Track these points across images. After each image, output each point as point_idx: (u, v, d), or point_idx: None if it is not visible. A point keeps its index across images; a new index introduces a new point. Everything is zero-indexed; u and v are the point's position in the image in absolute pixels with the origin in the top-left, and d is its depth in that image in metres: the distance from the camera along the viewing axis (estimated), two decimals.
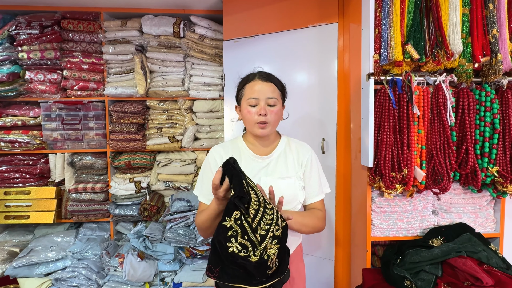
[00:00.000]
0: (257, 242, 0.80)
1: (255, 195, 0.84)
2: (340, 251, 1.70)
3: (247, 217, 0.82)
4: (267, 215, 0.83)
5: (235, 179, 0.84)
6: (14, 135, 2.04)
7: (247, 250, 0.79)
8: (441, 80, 1.24)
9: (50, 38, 2.01)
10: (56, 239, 2.07)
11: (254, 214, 0.82)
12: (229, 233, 0.81)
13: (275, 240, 0.82)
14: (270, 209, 0.85)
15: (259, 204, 0.83)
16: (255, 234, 0.81)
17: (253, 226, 0.81)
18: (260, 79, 1.03)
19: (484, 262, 1.16)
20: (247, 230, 0.81)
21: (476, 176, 1.27)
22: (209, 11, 2.13)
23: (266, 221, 0.83)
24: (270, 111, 1.01)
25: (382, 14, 1.25)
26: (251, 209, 0.82)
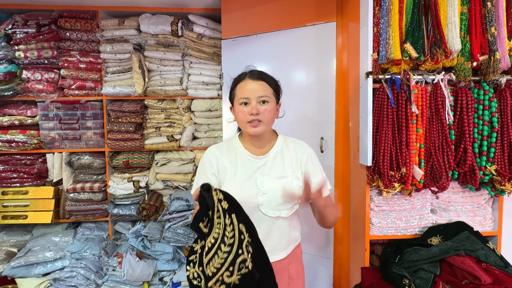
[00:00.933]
0: (208, 278, 0.77)
1: (217, 230, 0.79)
2: (338, 250, 1.70)
3: (204, 250, 0.79)
4: (217, 257, 0.78)
5: (200, 209, 0.82)
6: (11, 135, 2.03)
7: (200, 280, 0.78)
8: (440, 78, 1.24)
9: (47, 37, 2.00)
10: (54, 239, 2.06)
11: (207, 251, 0.79)
12: (191, 257, 0.80)
13: (223, 285, 0.76)
14: (224, 252, 0.78)
15: (215, 242, 0.79)
16: (207, 270, 0.78)
17: (205, 261, 0.78)
18: (250, 78, 1.02)
19: (482, 261, 1.16)
20: (203, 262, 0.78)
21: (474, 174, 1.27)
22: (207, 9, 2.12)
23: (215, 263, 0.77)
24: (262, 110, 0.99)
25: (381, 12, 1.24)
26: (207, 244, 0.79)
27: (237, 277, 0.77)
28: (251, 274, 0.78)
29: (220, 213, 0.81)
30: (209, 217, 0.80)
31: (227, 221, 0.80)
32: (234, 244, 0.79)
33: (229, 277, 0.77)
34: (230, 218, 0.81)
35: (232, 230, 0.80)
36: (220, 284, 0.76)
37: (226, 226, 0.80)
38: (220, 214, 0.81)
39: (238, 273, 0.77)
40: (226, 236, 0.79)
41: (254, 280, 0.79)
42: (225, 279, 0.76)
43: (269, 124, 1.04)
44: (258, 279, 0.80)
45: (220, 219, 0.80)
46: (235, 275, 0.77)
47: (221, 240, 0.79)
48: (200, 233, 0.80)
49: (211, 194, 0.81)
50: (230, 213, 0.81)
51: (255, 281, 0.80)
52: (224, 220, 0.80)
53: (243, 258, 0.79)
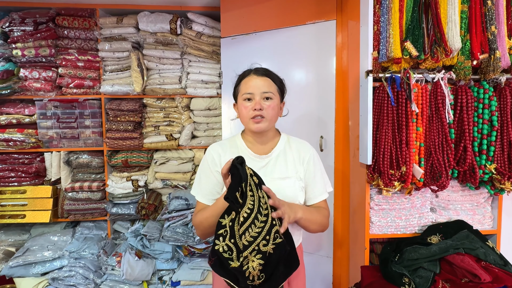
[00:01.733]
0: (242, 249, 0.79)
1: (252, 202, 0.82)
2: (338, 249, 1.70)
3: (238, 222, 0.81)
4: (254, 227, 0.80)
5: (233, 180, 0.83)
6: (9, 134, 2.02)
7: (231, 252, 0.79)
8: (440, 77, 1.24)
9: (44, 35, 1.98)
10: (53, 238, 2.05)
11: (242, 222, 0.80)
12: (220, 231, 0.82)
13: (259, 254, 0.79)
14: (261, 221, 0.81)
15: (250, 213, 0.81)
16: (241, 240, 0.80)
17: (239, 232, 0.80)
18: (255, 74, 1.02)
19: (482, 259, 1.16)
20: (235, 234, 0.80)
21: (474, 173, 1.27)
22: (206, 8, 2.11)
23: (251, 232, 0.80)
24: (266, 106, 0.99)
25: (381, 11, 1.24)
26: (241, 215, 0.81)
27: (272, 246, 0.80)
28: (283, 244, 0.82)
29: (252, 186, 0.83)
30: (242, 189, 0.82)
31: (260, 194, 0.84)
32: (269, 215, 0.83)
33: (265, 246, 0.79)
34: (262, 192, 0.85)
35: (265, 203, 0.84)
36: (256, 253, 0.78)
37: (260, 198, 0.83)
38: (252, 188, 0.83)
39: (273, 242, 0.80)
40: (261, 207, 0.83)
41: (286, 250, 0.83)
42: (261, 247, 0.79)
43: (272, 121, 1.03)
44: (288, 250, 0.84)
45: (253, 192, 0.83)
46: (270, 243, 0.80)
47: (257, 211, 0.82)
48: (235, 203, 0.82)
49: (244, 167, 0.84)
50: (261, 188, 0.85)
51: (286, 251, 0.83)
52: (257, 193, 0.83)
53: (277, 229, 0.82)
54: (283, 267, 0.85)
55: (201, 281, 1.94)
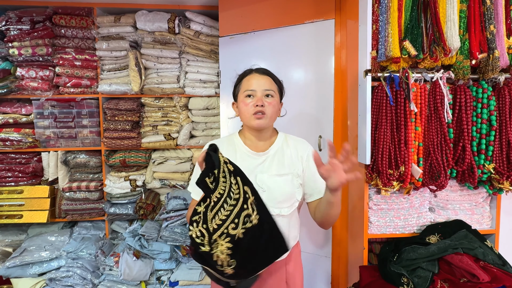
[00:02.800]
0: (211, 232, 0.79)
1: (223, 187, 0.83)
2: (337, 249, 1.70)
3: (209, 207, 0.82)
4: (224, 210, 0.81)
5: (206, 165, 0.84)
6: (5, 133, 2.00)
7: (203, 238, 0.80)
8: (439, 76, 1.24)
9: (41, 34, 1.97)
10: (50, 238, 2.04)
11: (213, 206, 0.81)
12: (194, 217, 0.82)
13: (227, 237, 0.79)
14: (230, 205, 0.81)
15: (220, 197, 0.82)
16: (212, 224, 0.80)
17: (210, 216, 0.81)
18: (257, 73, 1.04)
19: (480, 259, 1.16)
20: (207, 219, 0.81)
21: (472, 173, 1.27)
22: (204, 7, 2.10)
23: (221, 215, 0.80)
24: (267, 102, 1.01)
25: (380, 10, 1.23)
26: (212, 199, 0.82)
27: (241, 230, 0.80)
28: (254, 229, 0.81)
29: (226, 173, 0.84)
30: (215, 175, 0.83)
31: (233, 180, 0.84)
32: (239, 199, 0.83)
33: (234, 229, 0.79)
34: (235, 179, 0.85)
35: (238, 189, 0.84)
36: (225, 237, 0.78)
37: (232, 184, 0.84)
38: (226, 174, 0.84)
39: (242, 226, 0.80)
40: (232, 192, 0.83)
41: (257, 235, 0.81)
42: (230, 231, 0.79)
43: (272, 119, 1.05)
44: (262, 236, 0.82)
45: (226, 178, 0.83)
46: (239, 227, 0.80)
47: (227, 195, 0.82)
48: (206, 188, 0.82)
49: (217, 154, 0.85)
50: (235, 175, 0.85)
51: (258, 237, 0.82)
52: (230, 179, 0.84)
53: (247, 213, 0.82)
54: (261, 254, 0.84)
55: (199, 281, 1.93)
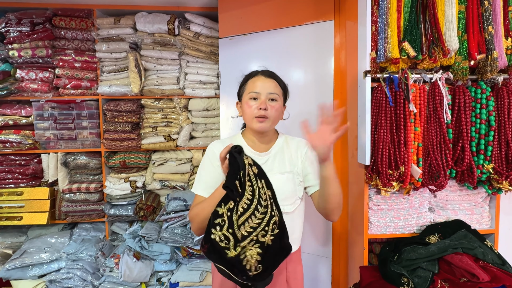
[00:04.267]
0: (240, 239, 0.80)
1: (251, 192, 0.83)
2: (337, 249, 1.70)
3: (236, 212, 0.82)
4: (254, 218, 0.81)
5: (231, 168, 0.84)
6: (5, 135, 2.00)
7: (228, 242, 0.80)
8: (438, 77, 1.24)
9: (41, 35, 1.97)
10: (50, 240, 2.04)
11: (242, 212, 0.81)
12: (217, 220, 0.82)
13: (257, 244, 0.80)
14: (262, 213, 0.82)
15: (250, 204, 0.82)
16: (240, 231, 0.80)
17: (238, 222, 0.81)
18: (263, 75, 1.05)
19: (480, 258, 1.17)
20: (234, 224, 0.80)
21: (472, 173, 1.27)
22: (204, 8, 2.11)
23: (251, 223, 0.80)
24: (270, 106, 1.02)
25: (379, 11, 1.24)
26: (240, 205, 0.81)
27: (270, 237, 0.81)
28: (280, 235, 0.83)
29: (251, 176, 0.84)
30: (240, 179, 0.83)
31: (260, 184, 0.84)
32: (268, 206, 0.84)
33: (264, 236, 0.80)
34: (261, 182, 0.85)
35: (265, 194, 0.84)
36: (254, 244, 0.79)
37: (260, 189, 0.84)
38: (251, 178, 0.84)
39: (271, 233, 0.81)
40: (261, 198, 0.83)
41: (281, 240, 0.83)
42: (260, 238, 0.80)
43: (275, 122, 1.06)
44: (285, 241, 0.85)
45: (252, 182, 0.83)
46: (268, 234, 0.81)
47: (257, 202, 0.82)
48: (234, 192, 0.82)
49: (242, 156, 0.85)
50: (261, 178, 0.85)
51: (281, 241, 0.84)
52: (257, 184, 0.84)
53: (275, 220, 0.83)
54: (279, 254, 0.86)
55: (199, 282, 1.93)
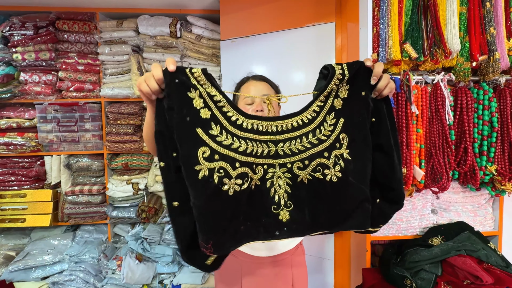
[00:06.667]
0: (273, 155, 0.67)
1: (313, 115, 0.72)
2: (339, 251, 1.70)
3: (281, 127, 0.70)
4: (299, 142, 0.69)
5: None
6: (9, 138, 2.02)
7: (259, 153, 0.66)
8: (439, 79, 1.24)
9: (44, 39, 1.99)
10: (53, 242, 2.05)
11: (289, 129, 0.70)
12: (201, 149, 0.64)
13: (288, 173, 0.67)
14: (309, 142, 0.69)
15: (303, 125, 0.71)
16: (276, 147, 0.68)
17: (280, 137, 0.69)
18: (254, 80, 1.07)
19: (484, 261, 1.16)
20: (276, 140, 0.69)
21: (474, 174, 1.27)
22: (205, 11, 2.12)
23: (293, 145, 0.68)
24: (266, 107, 1.02)
25: (380, 13, 1.24)
26: (294, 120, 0.71)
27: (307, 175, 0.67)
28: (329, 188, 0.67)
29: (327, 110, 0.71)
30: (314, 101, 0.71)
31: (330, 120, 0.70)
32: (327, 140, 0.69)
33: (300, 169, 0.68)
34: (337, 121, 0.70)
35: (331, 132, 0.70)
36: (286, 171, 0.68)
37: (325, 123, 0.70)
38: (329, 110, 0.71)
39: (310, 172, 0.67)
40: (324, 127, 0.70)
41: (328, 193, 0.67)
42: (294, 168, 0.68)
43: None
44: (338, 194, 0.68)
45: (329, 117, 0.71)
46: (306, 171, 0.67)
47: (315, 127, 0.70)
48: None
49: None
50: (340, 117, 0.71)
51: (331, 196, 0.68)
52: (328, 118, 0.71)
53: (323, 162, 0.68)
54: (328, 213, 0.69)
55: (202, 284, 1.93)
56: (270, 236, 0.68)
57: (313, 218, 0.68)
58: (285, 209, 0.68)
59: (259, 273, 1.02)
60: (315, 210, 0.68)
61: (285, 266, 1.04)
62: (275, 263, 1.02)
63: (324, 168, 0.67)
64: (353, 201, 0.68)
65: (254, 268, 1.02)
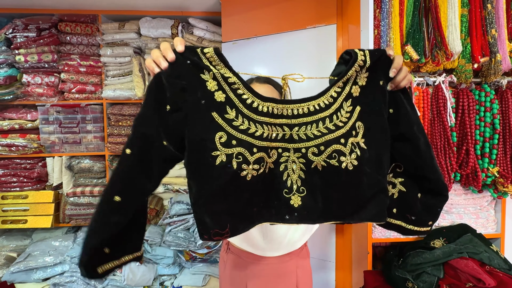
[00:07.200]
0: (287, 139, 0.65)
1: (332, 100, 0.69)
2: (340, 253, 1.69)
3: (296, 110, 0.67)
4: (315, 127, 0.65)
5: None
6: (11, 139, 2.02)
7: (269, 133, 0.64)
8: (441, 80, 1.24)
9: (47, 41, 2.00)
10: (54, 243, 2.05)
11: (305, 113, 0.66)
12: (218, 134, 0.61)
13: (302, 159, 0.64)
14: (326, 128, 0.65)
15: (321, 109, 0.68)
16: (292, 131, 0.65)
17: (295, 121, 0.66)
18: (257, 82, 1.06)
19: (486, 263, 1.15)
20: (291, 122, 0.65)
21: (476, 176, 1.26)
22: (207, 13, 2.13)
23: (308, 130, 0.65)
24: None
25: (381, 15, 1.25)
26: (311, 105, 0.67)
27: (322, 162, 0.63)
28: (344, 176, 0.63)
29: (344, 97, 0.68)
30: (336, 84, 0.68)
31: (347, 107, 0.67)
32: (340, 130, 0.65)
33: (315, 155, 0.64)
34: (354, 108, 0.67)
35: (348, 118, 0.66)
36: (300, 156, 0.65)
37: (342, 110, 0.66)
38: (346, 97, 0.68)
39: (324, 159, 0.63)
40: (341, 114, 0.66)
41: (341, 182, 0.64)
42: (309, 154, 0.64)
43: None
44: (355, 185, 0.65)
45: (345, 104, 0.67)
46: (321, 157, 0.63)
47: (332, 113, 0.66)
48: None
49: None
50: (356, 104, 0.67)
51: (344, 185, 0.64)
52: (346, 104, 0.67)
53: (339, 149, 0.64)
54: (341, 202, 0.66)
55: (203, 286, 1.93)
56: (280, 219, 0.66)
57: (325, 206, 0.66)
58: (297, 194, 0.65)
59: (264, 273, 1.02)
60: (328, 198, 0.66)
61: (290, 267, 1.04)
62: (280, 264, 1.02)
63: (340, 155, 0.63)
64: (368, 191, 0.65)
65: (259, 269, 1.02)
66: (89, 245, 0.60)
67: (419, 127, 0.69)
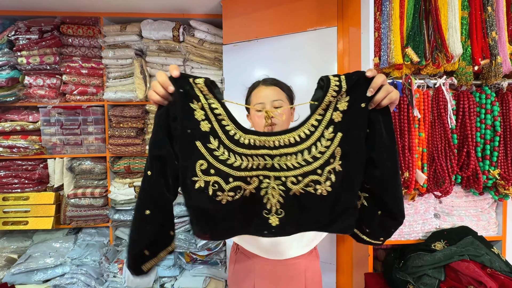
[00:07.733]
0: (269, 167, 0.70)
1: (312, 130, 0.70)
2: (341, 256, 1.69)
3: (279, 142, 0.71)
4: (294, 158, 0.69)
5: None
6: (13, 140, 2.03)
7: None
8: (441, 83, 1.24)
9: (49, 43, 2.01)
10: (55, 245, 2.05)
11: (290, 143, 0.70)
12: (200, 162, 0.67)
13: (282, 186, 0.69)
14: (305, 160, 0.69)
15: (300, 141, 0.70)
16: (273, 161, 0.69)
17: (276, 153, 0.70)
18: (264, 85, 1.06)
19: (487, 266, 1.15)
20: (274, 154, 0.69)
21: (477, 179, 1.26)
22: (208, 15, 2.14)
23: (288, 160, 0.69)
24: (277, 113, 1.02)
25: (382, 17, 1.25)
26: (292, 136, 0.70)
27: (300, 189, 0.69)
28: (318, 200, 0.69)
29: (326, 124, 0.70)
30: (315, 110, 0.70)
31: (328, 134, 0.69)
32: (318, 161, 0.69)
33: (293, 184, 0.69)
34: (335, 135, 0.69)
35: (326, 148, 0.69)
36: (280, 184, 0.69)
37: (323, 138, 0.69)
38: (326, 123, 0.70)
39: (303, 187, 0.69)
40: (320, 144, 0.69)
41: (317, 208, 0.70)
42: (288, 183, 0.69)
43: (284, 126, 1.05)
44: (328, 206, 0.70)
45: (320, 124, 0.70)
46: (299, 185, 0.69)
47: (311, 144, 0.69)
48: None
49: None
50: (337, 131, 0.69)
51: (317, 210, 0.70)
52: (326, 130, 0.69)
53: (316, 179, 0.68)
54: (315, 220, 0.72)
55: None
56: (259, 233, 0.74)
57: (299, 224, 0.73)
58: (276, 215, 0.71)
59: (272, 275, 1.02)
60: (303, 217, 0.72)
61: (299, 270, 1.03)
62: (288, 266, 1.02)
63: (316, 183, 0.69)
64: (339, 208, 0.71)
65: (267, 270, 1.02)
66: (132, 252, 0.72)
67: (391, 154, 0.70)
